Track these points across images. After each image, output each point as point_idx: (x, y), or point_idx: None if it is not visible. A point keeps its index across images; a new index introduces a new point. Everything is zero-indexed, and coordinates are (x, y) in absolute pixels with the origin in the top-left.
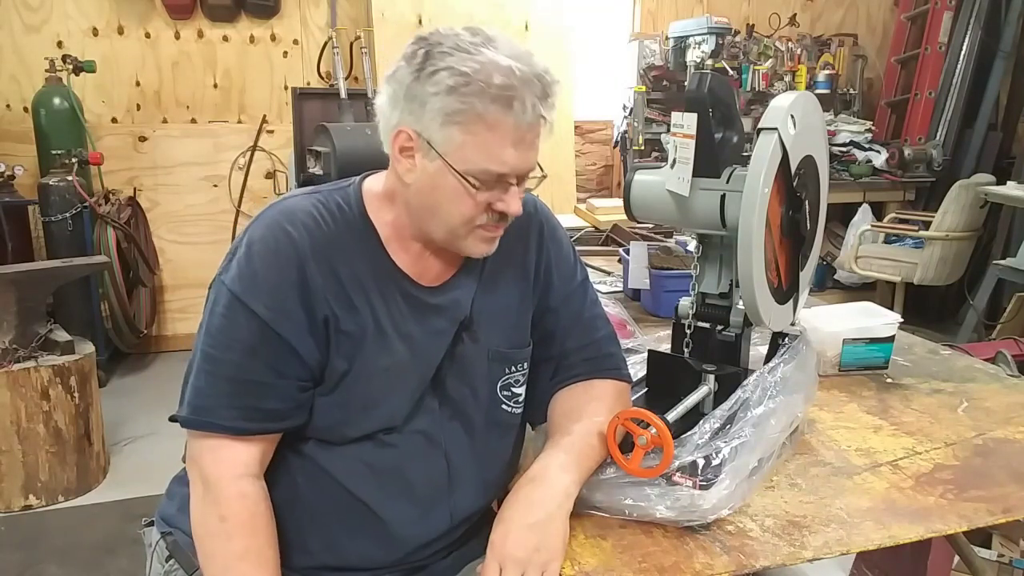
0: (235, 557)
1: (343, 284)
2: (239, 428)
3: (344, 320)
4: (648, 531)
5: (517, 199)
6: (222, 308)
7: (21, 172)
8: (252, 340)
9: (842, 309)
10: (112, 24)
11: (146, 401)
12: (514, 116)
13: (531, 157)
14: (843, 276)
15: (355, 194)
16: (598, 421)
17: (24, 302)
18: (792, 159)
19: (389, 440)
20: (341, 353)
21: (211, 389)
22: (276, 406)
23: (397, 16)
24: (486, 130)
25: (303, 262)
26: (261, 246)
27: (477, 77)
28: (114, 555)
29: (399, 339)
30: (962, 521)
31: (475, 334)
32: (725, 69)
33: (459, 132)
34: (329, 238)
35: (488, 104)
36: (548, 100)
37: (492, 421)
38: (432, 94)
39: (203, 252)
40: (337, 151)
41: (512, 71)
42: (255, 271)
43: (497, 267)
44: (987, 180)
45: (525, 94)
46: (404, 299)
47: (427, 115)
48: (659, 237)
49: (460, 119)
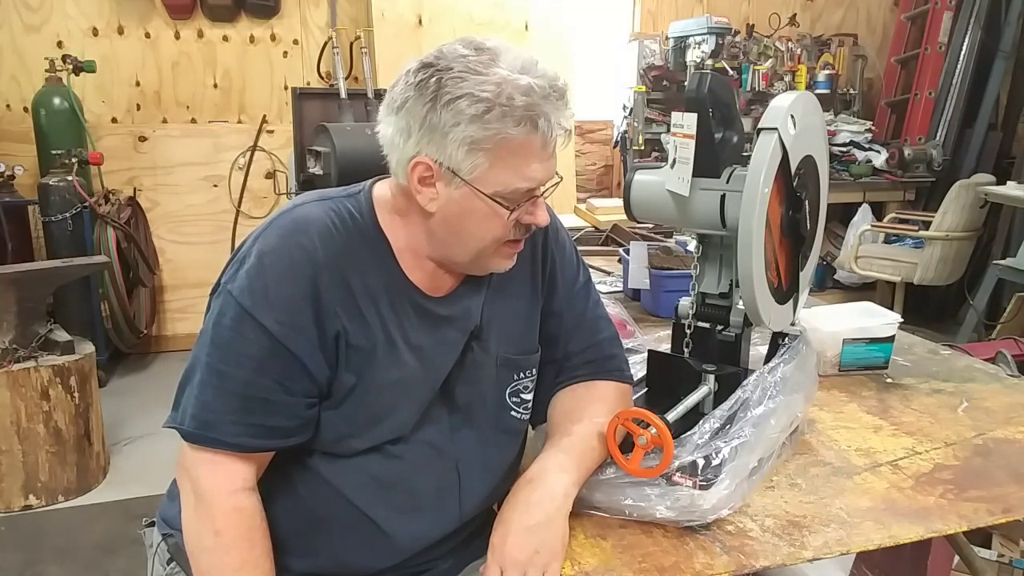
0: (231, 570)
1: (354, 295)
2: (243, 445)
3: (354, 334)
4: (648, 531)
5: (543, 209)
6: (229, 321)
7: (21, 172)
8: (262, 355)
9: (842, 309)
10: (112, 24)
11: (146, 401)
12: (540, 135)
13: (553, 165)
14: (843, 276)
15: (366, 203)
16: (598, 422)
17: (24, 302)
18: (792, 159)
19: (395, 451)
20: (350, 367)
21: (218, 404)
22: (282, 423)
23: (397, 16)
24: (514, 152)
25: (317, 275)
26: (273, 258)
27: (498, 101)
28: (114, 555)
29: (409, 351)
30: (962, 521)
31: (485, 342)
32: (725, 69)
33: (485, 157)
34: (342, 248)
35: (513, 127)
36: (567, 109)
37: (501, 428)
38: (453, 124)
39: (203, 252)
40: (337, 151)
41: (531, 89)
42: (266, 284)
43: (505, 274)
44: (987, 180)
45: (548, 110)
46: (415, 310)
47: (450, 145)
48: (659, 237)
49: (487, 145)
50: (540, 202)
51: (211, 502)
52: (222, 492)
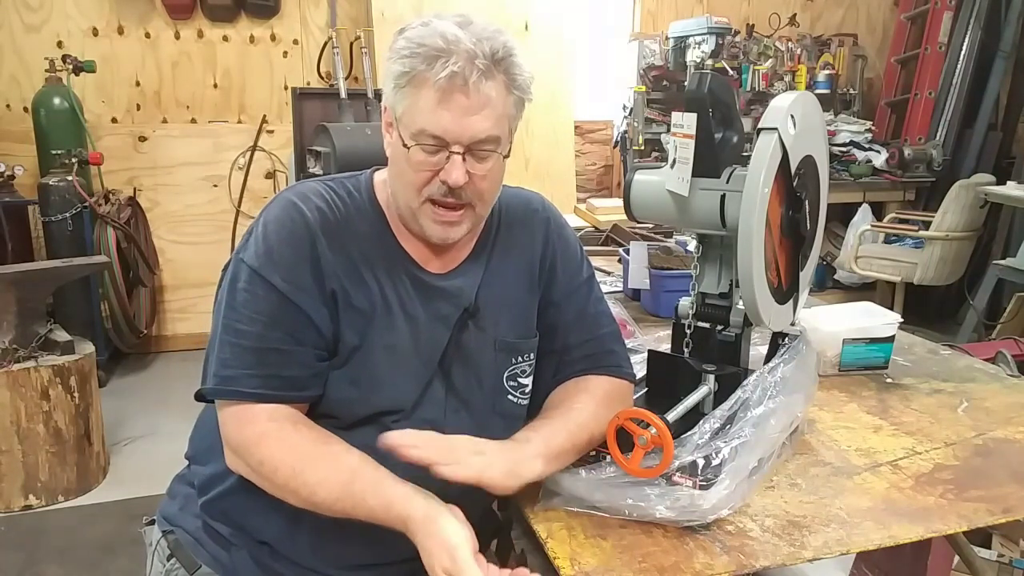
0: (300, 464)
1: (354, 261)
2: (262, 395)
3: (355, 295)
4: (648, 531)
5: (458, 168)
6: (243, 283)
7: (21, 172)
8: (272, 311)
9: (842, 309)
10: (112, 24)
11: (146, 401)
12: (450, 81)
13: (472, 124)
14: (843, 276)
15: (366, 182)
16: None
17: (24, 302)
18: (792, 159)
19: (397, 428)
20: (353, 328)
21: (236, 360)
22: (296, 373)
23: (397, 16)
24: (418, 89)
25: (314, 238)
26: (276, 224)
27: (421, 42)
28: (114, 555)
29: (404, 318)
30: (962, 521)
31: (480, 323)
32: (725, 69)
33: (405, 96)
34: (339, 219)
35: (418, 63)
36: (497, 76)
37: (498, 411)
38: (388, 62)
39: (203, 252)
40: (337, 151)
41: (452, 39)
42: (271, 247)
43: (503, 258)
44: (987, 180)
45: (455, 57)
46: (411, 281)
47: (387, 85)
48: (659, 237)
49: (401, 81)
50: (456, 160)
51: (243, 450)
52: (251, 438)
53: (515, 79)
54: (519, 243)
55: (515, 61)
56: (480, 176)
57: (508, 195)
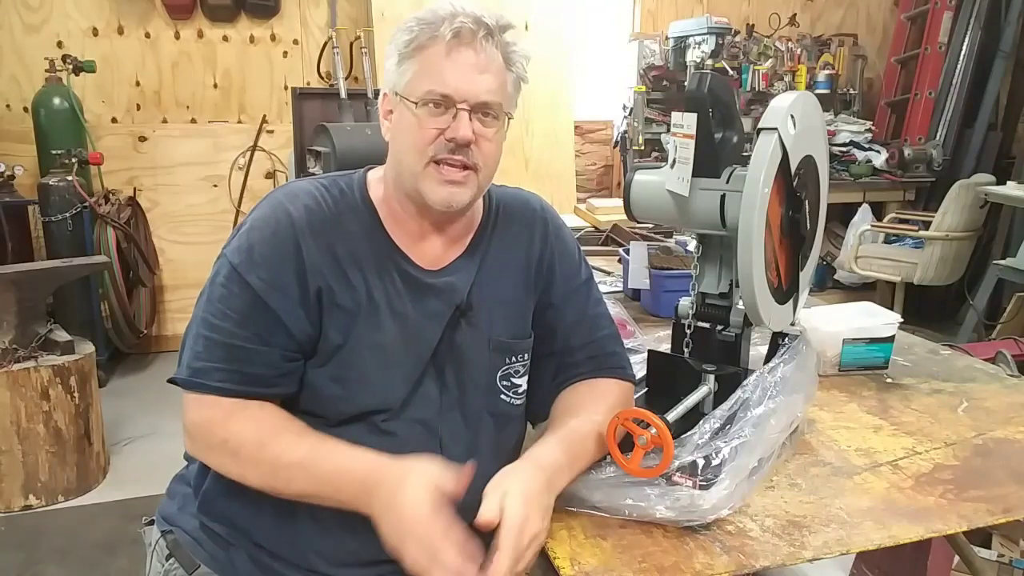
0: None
1: (339, 260)
2: (225, 390)
3: (340, 295)
4: (648, 531)
5: (466, 124)
6: (222, 279)
7: (21, 172)
8: (244, 309)
9: (842, 309)
10: (112, 24)
11: (146, 401)
12: (441, 32)
13: (478, 82)
14: (843, 276)
15: (359, 180)
16: (597, 420)
17: (24, 302)
18: (792, 159)
19: (387, 427)
20: (337, 327)
21: (207, 354)
22: (260, 371)
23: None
24: (424, 50)
25: (299, 238)
26: (261, 223)
27: (420, 16)
28: (114, 555)
29: (391, 316)
30: (962, 521)
31: (473, 321)
32: (725, 69)
33: (410, 65)
34: (328, 217)
35: (424, 28)
36: (492, 38)
37: (491, 411)
38: (390, 45)
39: (203, 252)
40: (337, 151)
41: (458, 7)
42: (252, 245)
43: (498, 256)
44: (987, 180)
45: (462, 17)
46: (401, 278)
47: (389, 64)
48: (659, 237)
49: (407, 50)
50: (463, 117)
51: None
52: (216, 420)
53: (513, 55)
54: (515, 242)
55: (515, 34)
56: (486, 139)
57: (506, 194)
